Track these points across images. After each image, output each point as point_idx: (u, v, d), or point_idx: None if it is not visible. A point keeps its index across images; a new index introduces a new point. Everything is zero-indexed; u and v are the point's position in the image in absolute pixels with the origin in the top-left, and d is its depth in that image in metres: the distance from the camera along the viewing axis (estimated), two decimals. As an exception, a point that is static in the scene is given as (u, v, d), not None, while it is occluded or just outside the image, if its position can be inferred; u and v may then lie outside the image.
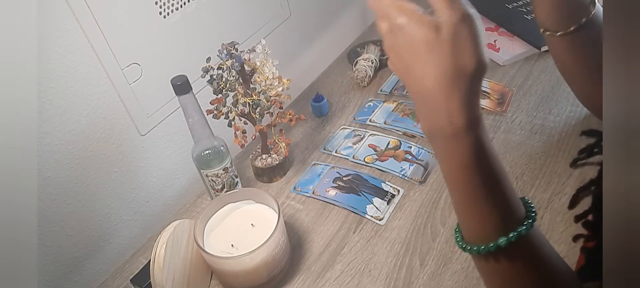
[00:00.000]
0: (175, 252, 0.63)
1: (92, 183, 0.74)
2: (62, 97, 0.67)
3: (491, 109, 0.88)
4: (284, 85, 0.75)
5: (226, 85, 0.72)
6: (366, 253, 0.69)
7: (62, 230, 0.72)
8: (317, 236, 0.73)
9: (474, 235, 0.41)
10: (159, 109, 0.80)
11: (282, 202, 0.80)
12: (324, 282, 0.67)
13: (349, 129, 0.91)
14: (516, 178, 0.74)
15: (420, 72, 0.38)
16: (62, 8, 0.63)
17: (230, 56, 0.70)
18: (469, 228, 0.42)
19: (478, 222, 0.41)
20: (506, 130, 0.83)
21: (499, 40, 1.02)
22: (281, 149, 0.82)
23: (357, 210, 0.75)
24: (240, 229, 0.67)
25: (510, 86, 0.92)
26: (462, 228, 0.43)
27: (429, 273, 0.65)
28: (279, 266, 0.66)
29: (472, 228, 0.42)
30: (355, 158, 0.84)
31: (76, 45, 0.66)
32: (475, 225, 0.41)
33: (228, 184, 0.77)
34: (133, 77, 0.75)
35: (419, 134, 0.86)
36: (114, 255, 0.81)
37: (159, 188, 0.85)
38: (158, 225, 0.85)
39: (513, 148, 0.79)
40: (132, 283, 0.69)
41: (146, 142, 0.80)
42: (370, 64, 1.01)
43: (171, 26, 0.77)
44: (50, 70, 0.64)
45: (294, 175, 0.85)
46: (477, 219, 0.40)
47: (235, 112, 0.74)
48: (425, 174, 0.79)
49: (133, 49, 0.73)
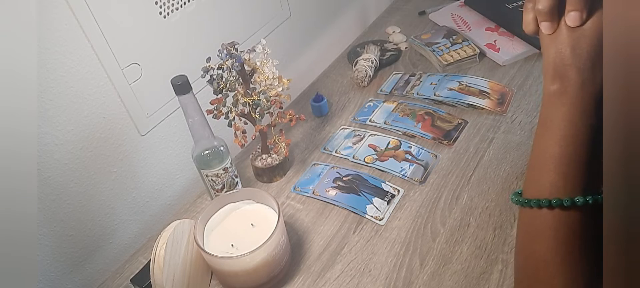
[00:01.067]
0: (175, 252, 0.63)
1: (92, 183, 0.74)
2: (62, 97, 0.67)
3: (491, 109, 0.88)
4: (284, 85, 0.75)
5: (226, 85, 0.72)
6: (366, 253, 0.69)
7: (62, 230, 0.72)
8: (317, 236, 0.73)
9: (551, 188, 0.42)
10: (159, 109, 0.80)
11: (282, 202, 0.80)
12: (324, 282, 0.67)
13: (349, 129, 0.91)
14: (516, 178, 0.74)
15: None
16: (62, 8, 0.63)
17: (230, 56, 0.70)
18: (550, 181, 0.43)
19: (564, 176, 0.42)
20: (506, 130, 0.83)
21: (499, 40, 1.02)
22: (281, 149, 0.82)
23: (357, 210, 0.75)
24: (240, 229, 0.67)
25: (510, 86, 0.92)
26: (539, 180, 0.44)
27: (429, 273, 0.65)
28: (279, 266, 0.66)
29: (553, 181, 0.43)
30: (355, 159, 0.84)
31: (76, 45, 0.66)
32: (558, 178, 0.42)
33: (228, 184, 0.77)
34: (133, 77, 0.75)
35: (419, 134, 0.86)
36: (114, 255, 0.81)
37: (159, 188, 0.85)
38: (158, 225, 0.85)
39: (513, 148, 0.79)
40: (132, 283, 0.69)
41: (146, 142, 0.80)
42: (370, 64, 1.01)
43: (171, 26, 0.78)
44: (50, 70, 0.64)
45: (294, 175, 0.85)
46: (566, 173, 0.42)
47: (235, 112, 0.74)
48: (425, 174, 0.79)
49: (133, 49, 0.73)
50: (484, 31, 1.07)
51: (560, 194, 0.42)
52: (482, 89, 0.92)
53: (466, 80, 0.95)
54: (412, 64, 1.05)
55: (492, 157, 0.79)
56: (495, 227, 0.68)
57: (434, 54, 1.02)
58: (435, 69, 1.02)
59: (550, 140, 0.43)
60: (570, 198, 0.41)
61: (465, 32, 1.08)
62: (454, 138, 0.84)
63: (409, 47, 1.11)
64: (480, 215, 0.70)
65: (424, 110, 0.91)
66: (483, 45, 1.02)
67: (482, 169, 0.77)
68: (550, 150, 0.43)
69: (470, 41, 1.03)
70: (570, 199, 0.41)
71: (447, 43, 1.04)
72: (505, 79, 0.94)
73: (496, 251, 0.65)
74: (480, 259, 0.65)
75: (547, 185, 0.43)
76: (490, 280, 0.62)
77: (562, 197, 0.42)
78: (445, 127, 0.86)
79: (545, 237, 0.43)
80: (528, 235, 0.45)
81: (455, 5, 1.19)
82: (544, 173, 0.43)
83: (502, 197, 0.72)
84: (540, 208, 0.43)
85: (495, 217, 0.70)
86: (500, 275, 0.62)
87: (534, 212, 0.44)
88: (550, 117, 0.43)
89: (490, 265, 0.64)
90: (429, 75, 0.99)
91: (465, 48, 1.01)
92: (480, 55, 1.00)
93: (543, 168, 0.44)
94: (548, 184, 0.43)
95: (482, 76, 0.96)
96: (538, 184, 0.44)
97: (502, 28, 1.06)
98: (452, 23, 1.12)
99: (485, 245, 0.66)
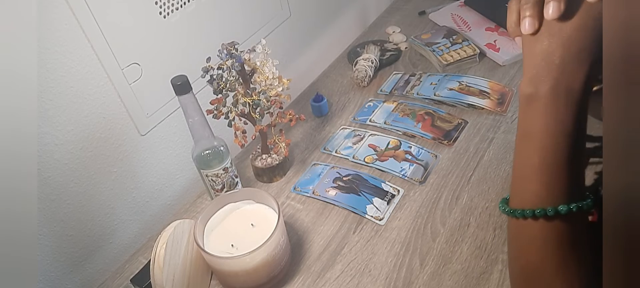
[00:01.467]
0: (175, 252, 0.63)
1: (92, 183, 0.74)
2: (62, 97, 0.67)
3: (491, 109, 0.88)
4: (284, 85, 0.75)
5: (226, 85, 0.72)
6: (366, 253, 0.69)
7: (62, 230, 0.72)
8: (317, 236, 0.73)
9: (534, 198, 0.42)
10: (159, 109, 0.80)
11: (282, 202, 0.80)
12: (324, 282, 0.67)
13: (349, 129, 0.92)
14: (516, 178, 0.74)
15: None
16: (62, 8, 0.63)
17: (230, 56, 0.70)
18: (532, 190, 0.43)
19: (546, 186, 0.42)
20: (506, 130, 0.83)
21: (499, 40, 1.02)
22: (281, 149, 0.82)
23: (357, 210, 0.75)
24: (240, 229, 0.67)
25: (510, 86, 0.92)
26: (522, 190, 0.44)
27: (429, 273, 0.65)
28: (279, 266, 0.66)
29: (535, 191, 0.42)
30: (355, 158, 0.84)
31: (76, 45, 0.66)
32: (540, 188, 0.42)
33: (228, 184, 0.77)
34: (133, 77, 0.75)
35: (419, 134, 0.86)
36: (114, 255, 0.81)
37: (159, 188, 0.85)
38: (158, 225, 0.85)
39: (513, 148, 0.78)
40: (132, 283, 0.69)
41: (146, 142, 0.80)
42: (370, 64, 1.01)
43: (171, 26, 0.78)
44: (50, 70, 0.64)
45: (294, 175, 0.85)
46: (547, 183, 0.42)
47: (235, 112, 0.74)
48: (425, 174, 0.79)
49: (133, 49, 0.73)
50: (484, 31, 1.07)
51: (544, 204, 0.41)
52: (482, 88, 0.92)
53: (466, 80, 0.95)
54: (412, 64, 1.05)
55: (492, 157, 0.79)
56: (495, 227, 0.68)
57: (434, 54, 1.02)
58: (435, 69, 1.02)
59: (529, 150, 0.43)
60: (553, 208, 0.41)
61: (465, 32, 1.08)
62: (454, 138, 0.84)
63: (409, 47, 1.11)
64: (480, 215, 0.70)
65: (424, 110, 0.91)
66: (483, 45, 1.02)
67: (482, 169, 0.77)
68: (531, 160, 0.42)
69: (470, 41, 1.03)
70: (553, 209, 0.41)
71: (447, 43, 1.04)
72: (505, 79, 0.94)
73: (496, 251, 0.65)
74: (480, 259, 0.65)
75: (530, 195, 0.43)
76: (490, 280, 0.62)
77: (546, 206, 0.41)
78: (445, 127, 0.86)
79: (536, 247, 0.43)
80: (519, 245, 0.45)
81: (455, 5, 1.19)
82: (526, 183, 0.43)
83: (502, 197, 0.72)
84: (525, 219, 0.43)
85: (495, 217, 0.70)
86: (500, 275, 0.62)
87: (520, 222, 0.43)
88: (529, 128, 0.43)
89: (490, 265, 0.64)
90: (429, 75, 0.99)
91: (465, 48, 1.01)
92: (480, 55, 1.00)
93: (525, 178, 0.43)
94: (531, 194, 0.42)
95: (482, 76, 0.96)
96: (521, 194, 0.44)
97: (502, 28, 1.06)
98: (452, 23, 1.12)
99: (485, 245, 0.66)
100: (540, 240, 0.42)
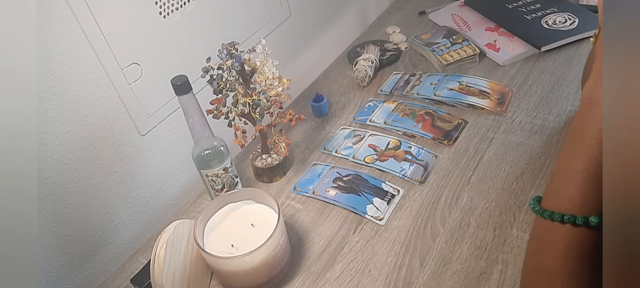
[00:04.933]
0: (175, 252, 0.63)
1: (92, 184, 0.74)
2: (62, 97, 0.67)
3: (491, 109, 0.88)
4: (284, 85, 0.75)
5: (226, 85, 0.72)
6: (366, 253, 0.69)
7: (62, 230, 0.72)
8: (317, 236, 0.73)
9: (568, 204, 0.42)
10: (159, 109, 0.80)
11: (282, 202, 0.80)
12: (324, 282, 0.67)
13: (349, 129, 0.92)
14: (516, 178, 0.74)
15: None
16: (62, 8, 0.63)
17: (230, 56, 0.70)
18: (568, 196, 0.42)
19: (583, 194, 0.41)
20: (506, 130, 0.83)
21: (499, 40, 1.02)
22: (281, 149, 0.82)
23: (357, 210, 0.75)
24: (240, 229, 0.67)
25: (510, 86, 0.92)
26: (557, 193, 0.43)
27: (429, 273, 0.65)
28: (279, 266, 0.66)
29: (570, 197, 0.42)
30: (355, 159, 0.84)
31: (76, 45, 0.66)
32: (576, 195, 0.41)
33: (228, 184, 0.77)
34: (133, 77, 0.75)
35: (419, 134, 0.86)
36: (114, 255, 0.81)
37: (159, 188, 0.85)
38: (158, 225, 0.85)
39: (513, 148, 0.79)
40: (132, 283, 0.69)
41: (146, 142, 0.80)
42: (370, 64, 1.01)
43: (171, 26, 0.78)
44: (50, 71, 0.64)
45: (294, 175, 0.85)
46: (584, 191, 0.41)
47: (235, 112, 0.74)
48: (425, 174, 0.79)
49: (133, 49, 0.73)
50: (484, 31, 1.07)
51: (576, 211, 0.41)
52: (482, 89, 0.92)
53: (466, 80, 0.95)
54: (412, 64, 1.05)
55: (492, 157, 0.79)
56: (495, 227, 0.68)
57: (434, 54, 1.02)
58: (435, 69, 1.02)
59: (576, 153, 0.42)
60: (584, 217, 0.40)
61: (465, 32, 1.08)
62: (454, 138, 0.84)
63: (409, 47, 1.11)
64: (480, 215, 0.70)
65: (424, 110, 0.91)
66: (483, 45, 1.02)
67: (482, 169, 0.77)
68: (574, 163, 0.42)
69: (470, 41, 1.03)
70: (583, 218, 0.40)
71: (447, 43, 1.04)
72: (505, 79, 0.94)
73: (496, 251, 0.65)
74: (480, 259, 0.65)
75: (564, 199, 0.42)
76: (490, 280, 0.62)
77: (577, 214, 0.41)
78: (445, 127, 0.86)
79: (555, 249, 0.43)
80: (539, 244, 0.45)
81: (455, 5, 1.19)
82: (564, 186, 0.43)
83: (502, 197, 0.72)
84: (552, 221, 0.42)
85: (495, 217, 0.70)
86: (500, 275, 0.62)
87: (547, 223, 0.43)
88: (582, 131, 0.42)
89: (490, 265, 0.64)
90: (429, 75, 0.99)
91: (465, 48, 1.01)
92: (480, 55, 1.00)
93: (564, 181, 0.43)
94: (566, 199, 0.42)
95: (482, 76, 0.96)
96: (556, 197, 0.43)
97: (502, 28, 1.06)
98: (452, 23, 1.12)
99: (485, 245, 0.66)
100: (563, 244, 0.42)
